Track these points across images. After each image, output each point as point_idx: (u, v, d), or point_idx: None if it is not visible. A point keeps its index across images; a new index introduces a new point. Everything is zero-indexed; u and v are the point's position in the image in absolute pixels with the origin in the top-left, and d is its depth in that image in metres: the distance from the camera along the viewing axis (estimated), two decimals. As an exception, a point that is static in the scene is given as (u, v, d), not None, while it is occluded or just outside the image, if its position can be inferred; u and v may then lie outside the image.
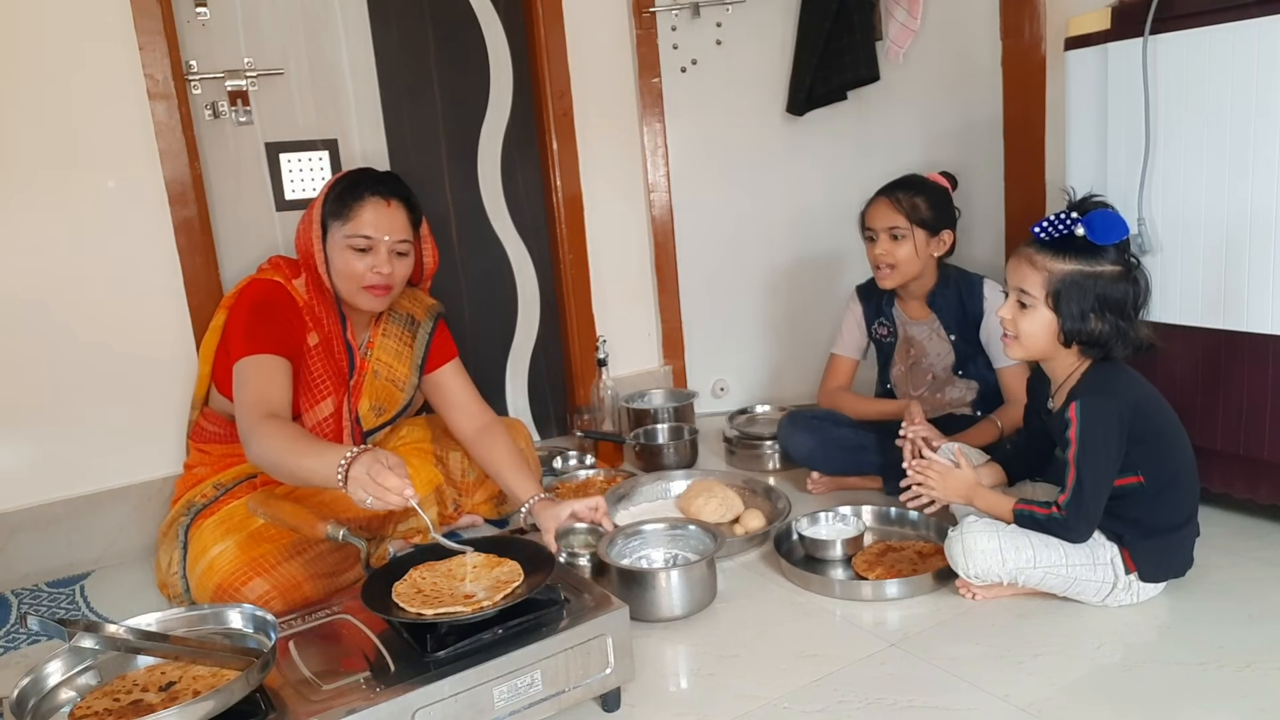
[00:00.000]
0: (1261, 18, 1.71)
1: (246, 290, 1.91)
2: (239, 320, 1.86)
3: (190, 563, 1.85)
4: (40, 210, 2.11)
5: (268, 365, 1.79)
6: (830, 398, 2.39)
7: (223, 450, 1.99)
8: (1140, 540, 1.63)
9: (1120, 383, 1.61)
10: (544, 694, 1.37)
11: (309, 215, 1.91)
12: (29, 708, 1.21)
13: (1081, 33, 2.03)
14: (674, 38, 2.78)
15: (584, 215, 2.77)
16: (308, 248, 1.89)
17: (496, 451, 2.00)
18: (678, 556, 1.90)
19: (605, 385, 2.73)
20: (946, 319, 2.24)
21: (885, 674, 1.53)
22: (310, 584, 1.78)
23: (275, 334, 1.83)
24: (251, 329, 1.82)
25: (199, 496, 1.94)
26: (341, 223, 1.86)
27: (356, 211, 1.85)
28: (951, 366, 2.26)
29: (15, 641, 1.89)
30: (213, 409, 2.02)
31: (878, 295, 2.34)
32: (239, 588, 1.73)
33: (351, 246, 1.85)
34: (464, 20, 2.60)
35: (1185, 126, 1.86)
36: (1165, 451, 1.63)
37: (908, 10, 2.68)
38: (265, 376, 1.78)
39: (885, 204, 2.20)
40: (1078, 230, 1.57)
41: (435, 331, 2.10)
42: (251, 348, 1.80)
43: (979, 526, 1.66)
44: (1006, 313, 1.67)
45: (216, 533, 1.83)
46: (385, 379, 2.03)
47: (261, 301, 1.87)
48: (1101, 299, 1.58)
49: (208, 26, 2.29)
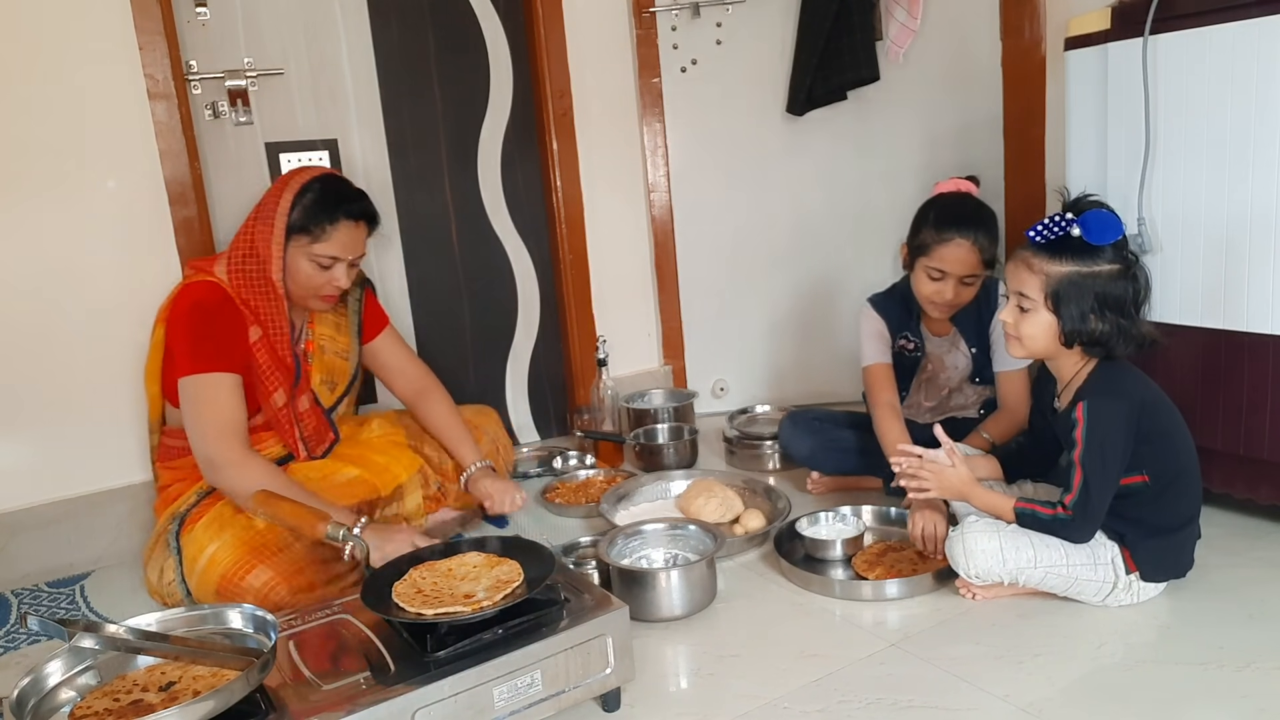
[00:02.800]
0: (1261, 18, 1.71)
1: (182, 299, 1.88)
2: (180, 334, 1.84)
3: (187, 566, 1.84)
4: (40, 210, 2.11)
5: (221, 384, 1.80)
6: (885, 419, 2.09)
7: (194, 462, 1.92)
8: (1142, 540, 1.63)
9: (1127, 382, 1.61)
10: (544, 694, 1.37)
11: (267, 219, 1.88)
12: (29, 708, 1.21)
13: (1081, 33, 2.03)
14: (674, 38, 2.78)
15: (584, 215, 2.77)
16: (263, 252, 1.87)
17: (435, 416, 2.15)
18: (678, 556, 1.90)
19: (605, 385, 2.73)
20: (967, 332, 2.17)
21: (885, 674, 1.53)
22: (313, 569, 1.78)
23: (221, 347, 1.82)
24: (197, 344, 1.81)
25: (182, 505, 1.93)
26: (310, 240, 1.88)
27: (330, 233, 1.88)
28: (968, 376, 2.21)
29: (15, 641, 1.89)
30: (173, 427, 2.00)
31: (899, 311, 2.20)
32: (243, 578, 1.73)
33: (317, 263, 1.89)
34: (464, 20, 2.60)
35: (1185, 126, 1.85)
36: (1170, 452, 1.63)
37: (908, 10, 2.68)
38: (221, 398, 1.79)
39: (969, 249, 2.00)
40: (1073, 231, 1.57)
41: (364, 299, 2.16)
42: (199, 365, 1.79)
43: (980, 527, 1.66)
44: (1008, 317, 1.67)
45: (209, 532, 1.83)
46: (331, 353, 2.08)
47: (200, 309, 1.84)
48: (1101, 298, 1.58)
49: (208, 26, 2.29)
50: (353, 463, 2.04)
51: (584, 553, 1.98)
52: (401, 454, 2.10)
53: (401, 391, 2.21)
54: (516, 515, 2.32)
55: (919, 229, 2.07)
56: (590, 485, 2.42)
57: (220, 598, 1.77)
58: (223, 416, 1.78)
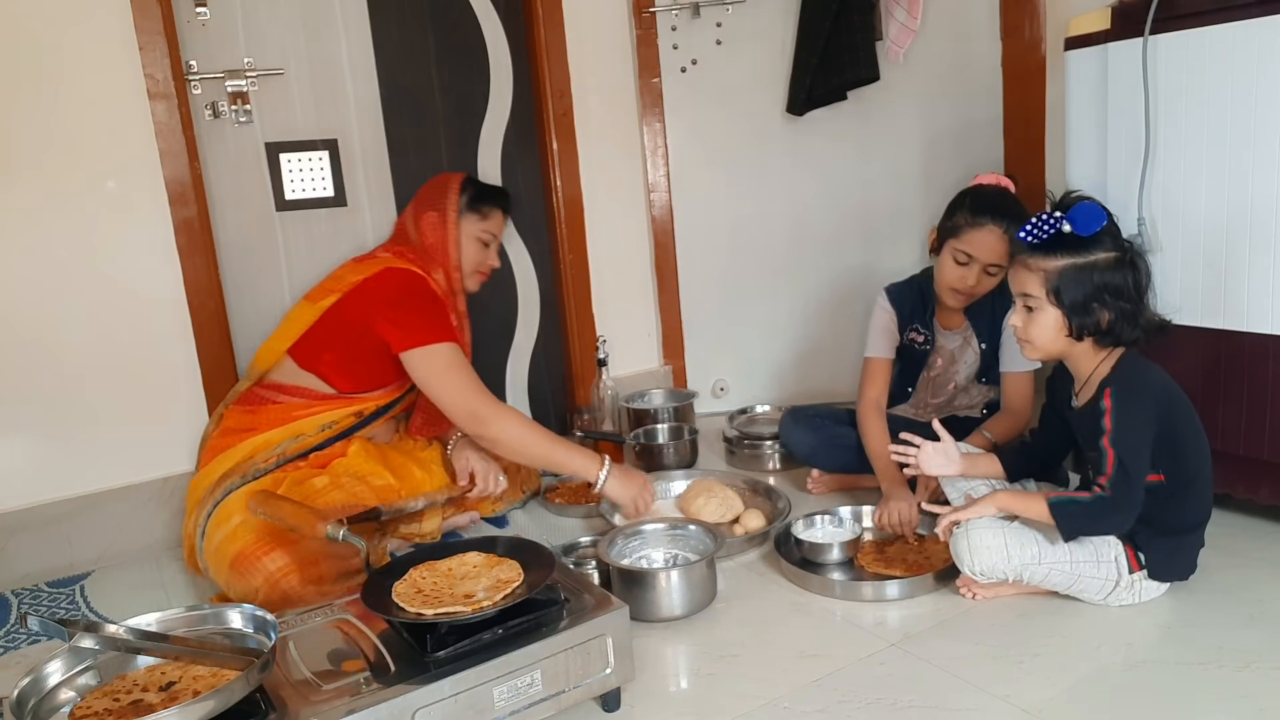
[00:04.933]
0: (1261, 18, 1.71)
1: (390, 279, 2.05)
2: (407, 308, 2.00)
3: (212, 526, 1.86)
4: (40, 210, 2.11)
5: (460, 353, 2.02)
6: (868, 414, 2.16)
7: (278, 411, 2.02)
8: (1153, 539, 1.63)
9: (1152, 373, 1.63)
10: (544, 694, 1.37)
11: (442, 215, 2.15)
12: (29, 708, 1.21)
13: (1081, 33, 2.03)
14: (674, 38, 2.78)
15: (584, 215, 2.77)
16: (443, 241, 2.14)
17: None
18: (678, 556, 1.90)
19: (605, 385, 2.73)
20: (980, 327, 2.18)
21: (885, 674, 1.53)
22: (326, 563, 1.79)
23: (448, 321, 2.05)
24: (430, 318, 2.01)
25: (261, 461, 1.95)
26: (479, 219, 2.19)
27: (491, 214, 2.22)
28: (975, 375, 2.22)
29: (15, 641, 1.89)
30: (276, 379, 2.05)
31: (915, 301, 2.23)
32: (260, 558, 1.75)
33: (481, 240, 2.20)
34: (464, 20, 2.60)
35: (1185, 126, 1.85)
36: (1186, 453, 1.63)
37: (908, 10, 2.68)
38: (465, 362, 2.02)
39: (1000, 238, 2.01)
40: (1064, 227, 1.59)
41: None
42: (439, 335, 1.99)
43: (984, 524, 1.66)
44: (1016, 320, 1.69)
45: (243, 501, 1.83)
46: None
47: (420, 290, 2.06)
48: (1101, 287, 1.59)
49: (208, 26, 2.29)
50: (393, 470, 2.06)
51: (584, 553, 1.98)
52: (439, 471, 2.16)
53: None
54: (516, 515, 2.33)
55: (954, 212, 2.09)
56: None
57: (233, 571, 1.77)
58: (474, 378, 2.00)
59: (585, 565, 1.87)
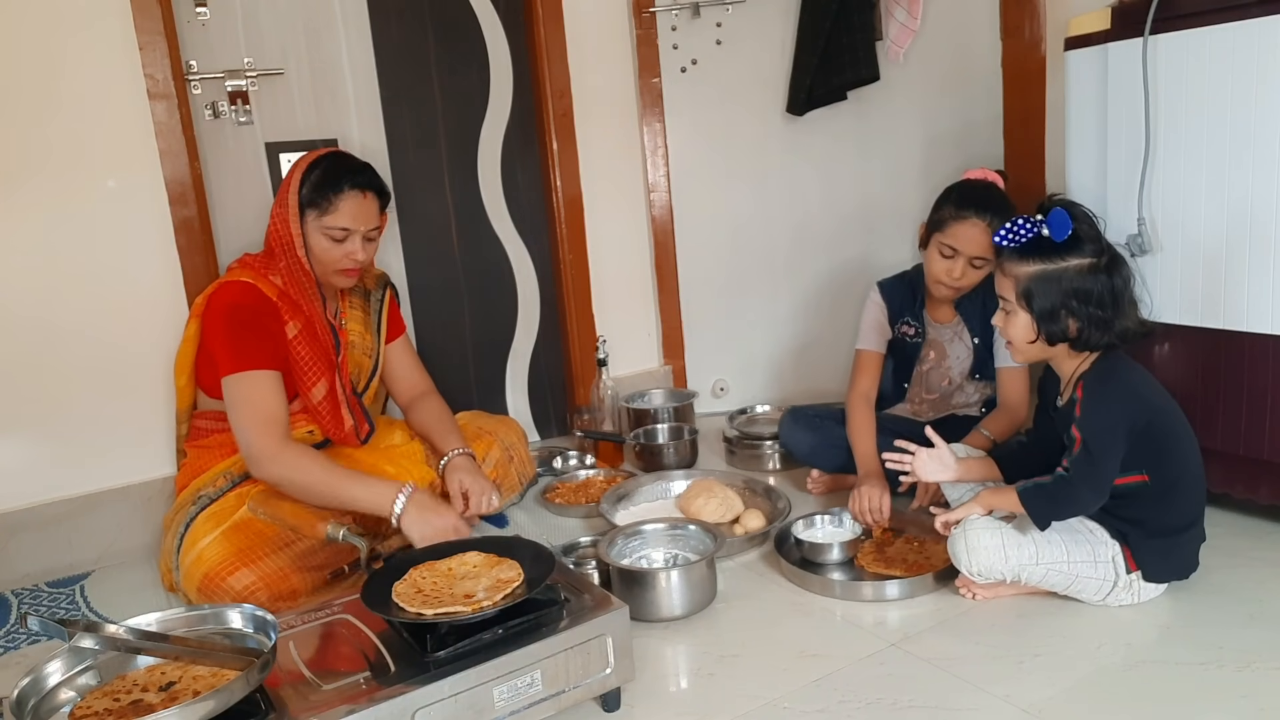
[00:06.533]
0: (1261, 18, 1.71)
1: (217, 297, 1.93)
2: (218, 332, 1.88)
3: (184, 550, 1.86)
4: (40, 210, 2.11)
5: (262, 381, 1.84)
6: (855, 406, 2.18)
7: (222, 439, 1.98)
8: (1145, 540, 1.63)
9: (1132, 373, 1.64)
10: (544, 694, 1.37)
11: (283, 200, 1.94)
12: (29, 708, 1.21)
13: (1081, 33, 2.03)
14: (674, 38, 2.78)
15: (584, 215, 2.77)
16: (284, 233, 1.93)
17: (427, 413, 2.14)
18: (678, 556, 1.90)
19: (605, 385, 2.73)
20: (971, 322, 2.20)
21: (885, 674, 1.53)
22: (298, 576, 1.78)
23: (260, 345, 1.87)
24: (237, 343, 1.85)
25: (209, 486, 1.94)
26: (319, 213, 1.92)
27: (336, 204, 1.92)
28: (969, 370, 2.23)
29: (15, 641, 1.89)
30: (204, 410, 2.03)
31: (905, 294, 2.25)
32: (224, 579, 1.74)
33: (329, 236, 1.93)
34: (464, 20, 2.60)
35: (1185, 127, 1.85)
36: (1170, 452, 1.63)
37: (908, 10, 2.68)
38: (262, 394, 1.84)
39: (983, 231, 2.02)
40: (1044, 231, 1.61)
41: (386, 300, 2.20)
42: (241, 364, 1.84)
43: (981, 524, 1.66)
44: (998, 320, 1.72)
45: (208, 525, 1.85)
46: (359, 350, 2.11)
47: (237, 309, 1.89)
48: (1072, 293, 1.60)
49: (208, 26, 2.29)
50: (368, 469, 2.02)
51: (584, 553, 1.98)
52: (414, 468, 2.10)
53: (400, 395, 2.22)
54: (516, 515, 2.33)
55: (940, 206, 2.11)
56: (590, 485, 2.42)
57: (201, 594, 1.77)
58: (262, 411, 1.83)
59: (585, 565, 1.87)
